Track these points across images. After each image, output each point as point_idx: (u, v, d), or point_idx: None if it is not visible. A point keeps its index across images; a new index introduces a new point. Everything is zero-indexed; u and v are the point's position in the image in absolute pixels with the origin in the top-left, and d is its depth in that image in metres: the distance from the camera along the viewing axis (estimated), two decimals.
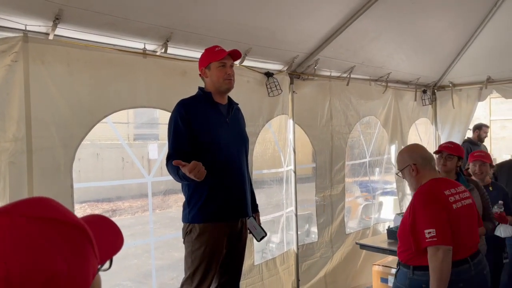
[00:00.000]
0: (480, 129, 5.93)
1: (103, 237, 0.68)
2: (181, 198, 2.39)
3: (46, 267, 0.56)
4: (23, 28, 2.28)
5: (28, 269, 0.55)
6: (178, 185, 2.37)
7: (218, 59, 2.30)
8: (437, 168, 3.04)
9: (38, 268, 0.55)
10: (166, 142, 2.34)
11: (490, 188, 3.37)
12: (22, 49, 2.25)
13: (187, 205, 2.29)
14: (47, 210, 0.62)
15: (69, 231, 0.61)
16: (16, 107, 2.23)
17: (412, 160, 2.27)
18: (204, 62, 2.33)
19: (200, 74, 2.40)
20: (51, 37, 2.38)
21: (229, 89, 2.36)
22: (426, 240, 2.03)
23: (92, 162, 11.56)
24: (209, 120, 2.28)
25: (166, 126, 2.35)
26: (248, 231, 2.51)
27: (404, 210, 4.53)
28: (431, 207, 2.09)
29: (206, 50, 2.39)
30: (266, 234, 2.50)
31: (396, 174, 2.44)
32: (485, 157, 3.45)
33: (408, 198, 4.97)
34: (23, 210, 0.60)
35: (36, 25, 2.32)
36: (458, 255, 2.08)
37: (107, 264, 0.69)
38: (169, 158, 2.21)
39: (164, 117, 2.42)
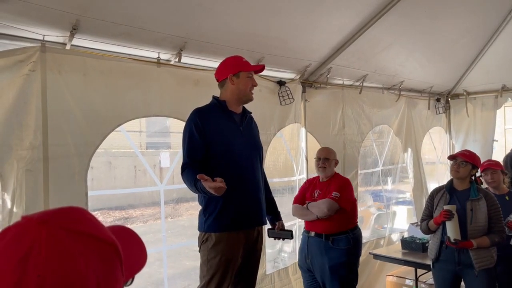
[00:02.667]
0: None
1: (130, 254, 0.67)
2: (192, 206, 2.40)
3: (78, 284, 0.55)
4: (41, 38, 2.33)
5: (61, 285, 0.54)
6: (190, 193, 2.36)
7: (251, 70, 2.33)
8: (450, 173, 3.03)
9: (70, 284, 0.54)
10: (178, 150, 2.34)
11: (506, 198, 3.28)
12: (40, 58, 2.30)
13: (203, 214, 2.28)
14: (84, 224, 0.61)
15: (103, 249, 0.60)
16: (33, 115, 2.27)
17: (336, 157, 3.33)
18: (234, 69, 2.30)
19: (219, 80, 2.36)
20: (68, 47, 2.42)
21: (251, 100, 2.38)
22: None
23: (104, 170, 11.66)
24: (223, 129, 2.28)
25: (178, 135, 2.36)
26: (278, 238, 2.54)
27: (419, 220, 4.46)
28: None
29: (234, 58, 2.37)
30: (291, 231, 2.51)
31: (326, 159, 3.22)
32: (495, 164, 3.38)
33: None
34: (61, 222, 0.58)
35: (53, 35, 2.37)
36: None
37: (129, 281, 0.68)
38: (185, 166, 2.21)
39: (175, 126, 2.44)
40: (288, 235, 2.48)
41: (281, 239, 2.60)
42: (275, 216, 2.54)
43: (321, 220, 3.08)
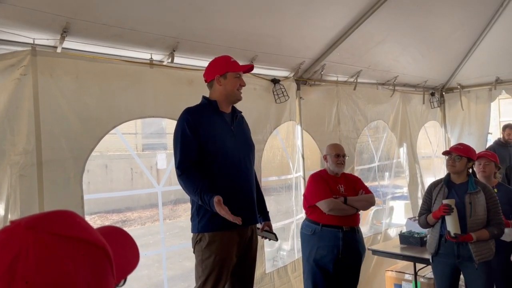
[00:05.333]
0: (504, 130, 5.77)
1: (121, 255, 0.66)
2: (190, 207, 2.37)
3: None
4: (31, 42, 2.31)
5: None
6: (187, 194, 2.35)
7: (238, 70, 2.32)
8: (446, 168, 3.04)
9: None
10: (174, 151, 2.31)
11: (495, 190, 3.28)
12: (31, 62, 2.27)
13: (196, 215, 2.27)
14: (72, 228, 0.60)
15: (92, 252, 0.59)
16: (25, 120, 2.25)
17: None
18: (221, 70, 2.30)
19: (207, 80, 2.36)
20: (59, 50, 2.40)
21: (239, 99, 2.38)
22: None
23: (100, 173, 11.61)
24: (215, 128, 2.27)
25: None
26: (264, 238, 2.53)
27: (416, 215, 4.47)
28: None
29: (221, 58, 2.36)
30: (275, 234, 2.53)
31: (344, 155, 3.28)
32: (491, 155, 3.37)
33: (419, 203, 4.89)
34: (48, 226, 0.58)
35: (44, 38, 2.35)
36: None
37: (121, 282, 0.67)
38: (181, 166, 2.18)
39: (171, 126, 2.41)
40: (273, 237, 2.49)
41: (266, 239, 2.58)
42: (264, 216, 2.54)
43: (354, 214, 3.15)
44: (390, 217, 5.38)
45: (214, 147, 2.23)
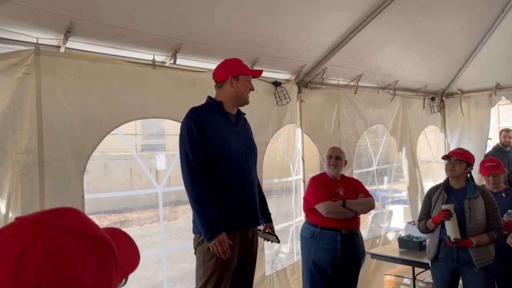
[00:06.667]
0: (500, 133, 5.77)
1: (123, 254, 0.68)
2: (189, 209, 2.36)
3: (74, 283, 0.55)
4: (35, 41, 2.31)
5: (57, 283, 0.54)
6: (187, 195, 2.34)
7: (250, 74, 2.35)
8: (445, 173, 3.05)
9: (66, 283, 0.55)
10: (174, 153, 2.30)
11: (503, 195, 3.30)
12: (34, 62, 2.28)
13: None
14: (79, 223, 0.61)
15: (98, 247, 0.61)
16: (28, 119, 2.25)
17: (345, 158, 3.37)
18: (235, 71, 2.31)
19: (217, 80, 2.34)
20: (62, 49, 2.41)
21: (247, 103, 2.40)
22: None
23: (100, 173, 11.61)
24: (220, 129, 2.27)
25: (174, 137, 2.32)
26: (266, 240, 2.53)
27: (415, 219, 4.48)
28: None
29: (234, 60, 2.37)
30: (277, 236, 2.53)
31: (337, 157, 3.27)
32: (497, 167, 3.37)
33: (419, 207, 4.90)
34: (56, 221, 0.59)
35: (47, 38, 2.35)
36: None
37: (122, 281, 0.69)
38: (193, 170, 2.16)
39: (172, 128, 2.42)
40: (275, 239, 2.50)
41: (268, 241, 2.58)
42: (266, 218, 2.54)
43: (354, 218, 3.15)
44: (389, 221, 5.38)
45: (219, 147, 2.23)
